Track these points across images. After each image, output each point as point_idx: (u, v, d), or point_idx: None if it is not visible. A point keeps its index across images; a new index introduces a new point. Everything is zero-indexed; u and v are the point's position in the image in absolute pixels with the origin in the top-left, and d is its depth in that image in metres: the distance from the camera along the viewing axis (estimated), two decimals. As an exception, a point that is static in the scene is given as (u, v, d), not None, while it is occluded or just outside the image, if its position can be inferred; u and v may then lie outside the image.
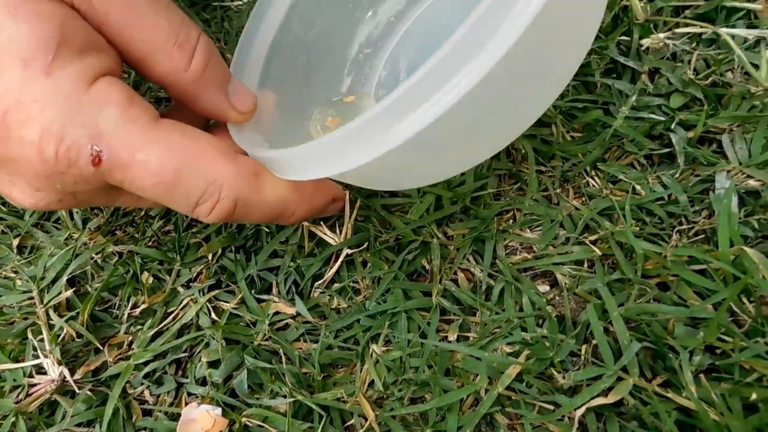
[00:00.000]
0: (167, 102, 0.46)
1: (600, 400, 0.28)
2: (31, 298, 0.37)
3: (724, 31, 0.38)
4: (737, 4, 0.41)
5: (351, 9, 0.38)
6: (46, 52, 0.20)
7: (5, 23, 0.20)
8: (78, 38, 0.21)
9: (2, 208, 0.43)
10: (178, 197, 0.24)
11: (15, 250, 0.41)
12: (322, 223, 0.37)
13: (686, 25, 0.39)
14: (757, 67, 0.37)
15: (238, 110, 0.27)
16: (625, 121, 0.37)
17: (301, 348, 0.34)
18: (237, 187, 0.24)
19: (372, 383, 0.32)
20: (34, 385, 0.33)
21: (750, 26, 0.41)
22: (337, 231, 0.36)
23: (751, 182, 0.34)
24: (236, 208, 0.25)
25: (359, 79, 0.39)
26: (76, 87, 0.21)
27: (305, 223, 0.37)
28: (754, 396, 0.26)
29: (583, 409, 0.28)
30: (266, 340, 0.34)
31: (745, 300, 0.30)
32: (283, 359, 0.33)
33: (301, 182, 0.26)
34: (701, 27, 0.39)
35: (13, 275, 0.40)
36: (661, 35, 0.40)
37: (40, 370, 0.34)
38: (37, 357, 0.34)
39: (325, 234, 0.36)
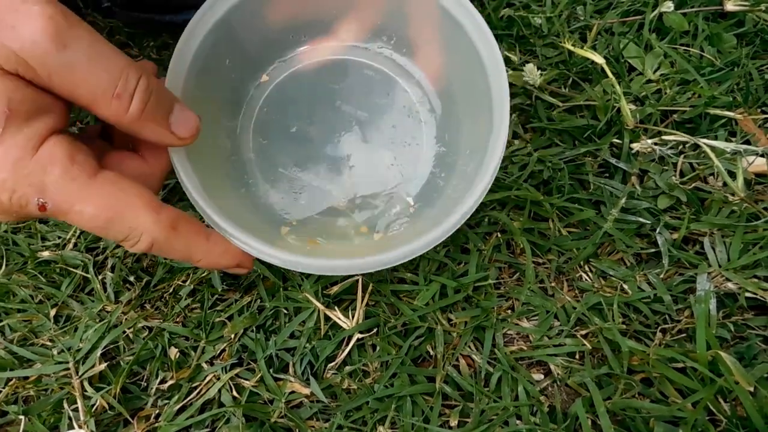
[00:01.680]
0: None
1: (587, 491, 0.31)
2: (67, 368, 0.40)
3: (704, 142, 0.42)
4: (719, 112, 0.45)
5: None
6: None
7: None
8: (24, 108, 0.26)
9: (41, 278, 0.47)
10: (106, 236, 0.29)
11: (52, 320, 0.44)
12: (336, 308, 0.40)
13: (671, 133, 0.43)
14: (734, 176, 0.40)
15: (179, 137, 0.31)
16: (614, 224, 0.40)
17: (313, 426, 0.37)
18: (154, 235, 0.29)
19: (378, 464, 0.34)
20: (68, 454, 0.36)
21: (731, 133, 0.45)
22: (350, 315, 0.40)
23: (730, 285, 0.37)
24: (152, 247, 0.30)
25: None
26: (24, 153, 0.26)
27: (321, 307, 0.40)
28: (724, 496, 0.29)
29: (571, 499, 0.31)
30: (282, 417, 0.37)
31: (721, 400, 0.33)
32: (298, 438, 0.36)
33: (212, 243, 0.32)
34: (684, 136, 0.43)
35: (49, 344, 0.43)
36: (650, 141, 0.44)
37: (75, 439, 0.37)
38: (71, 427, 0.37)
39: (339, 318, 0.40)
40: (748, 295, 0.36)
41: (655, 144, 0.43)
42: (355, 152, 0.41)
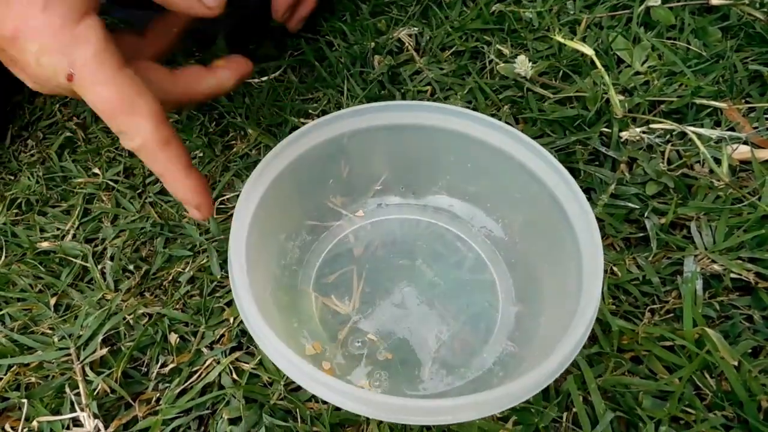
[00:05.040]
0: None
1: (579, 464, 0.32)
2: (68, 355, 0.41)
3: (690, 129, 0.43)
4: (705, 102, 0.46)
5: None
6: None
7: None
8: None
9: (41, 268, 0.47)
10: (108, 122, 0.32)
11: (52, 308, 0.45)
12: (332, 296, 0.41)
13: (659, 122, 0.45)
14: (719, 162, 0.41)
15: (207, 6, 0.33)
16: (604, 208, 0.41)
17: (312, 408, 0.37)
18: (146, 141, 0.32)
19: (376, 442, 0.35)
20: (71, 436, 0.37)
21: (717, 122, 0.46)
22: (346, 301, 0.41)
23: (715, 266, 0.38)
24: (139, 150, 0.32)
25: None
26: (65, 23, 0.29)
27: (313, 294, 0.41)
28: (710, 465, 0.30)
29: (563, 472, 0.32)
30: (281, 399, 0.38)
31: (707, 375, 0.34)
32: (298, 418, 0.37)
33: (187, 177, 0.33)
34: (671, 125, 0.44)
35: (50, 332, 0.43)
36: (638, 129, 0.45)
37: (77, 422, 0.38)
38: (73, 410, 0.38)
39: (336, 305, 0.40)
40: (732, 276, 0.38)
41: (644, 132, 0.45)
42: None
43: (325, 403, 0.37)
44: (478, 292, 0.41)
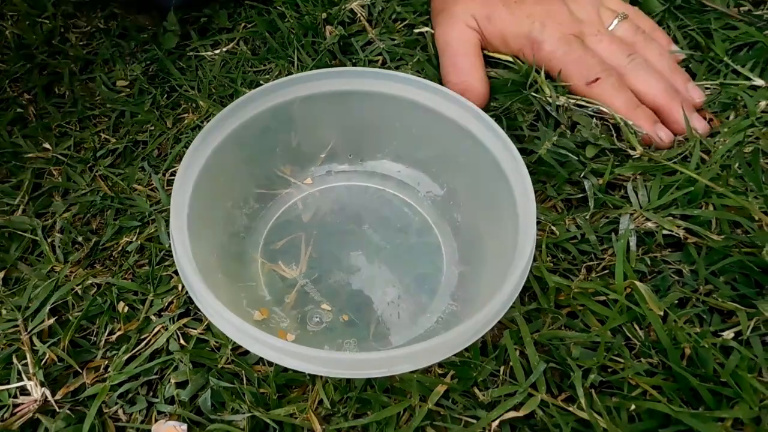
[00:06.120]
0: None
1: (513, 414, 0.33)
2: (16, 326, 0.41)
3: (629, 93, 0.44)
4: (646, 68, 0.47)
5: None
6: None
7: None
8: None
9: (-11, 242, 0.47)
10: None
11: (0, 282, 0.44)
12: (280, 262, 0.41)
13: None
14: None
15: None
16: (548, 153, 0.42)
17: (259, 371, 0.38)
18: None
19: (321, 402, 0.36)
20: (18, 405, 0.37)
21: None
22: (293, 267, 0.41)
23: (649, 224, 0.40)
24: None
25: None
26: None
27: (260, 260, 0.41)
28: (632, 407, 0.31)
29: (498, 422, 0.33)
30: (229, 363, 0.38)
31: (637, 327, 0.36)
32: (244, 380, 0.37)
33: None
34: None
35: (-2, 305, 0.43)
36: (571, 100, 0.46)
37: (24, 391, 0.38)
38: (21, 379, 0.38)
39: (283, 270, 0.41)
40: (665, 232, 0.39)
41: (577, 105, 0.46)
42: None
43: (271, 365, 0.38)
44: (424, 255, 0.42)
